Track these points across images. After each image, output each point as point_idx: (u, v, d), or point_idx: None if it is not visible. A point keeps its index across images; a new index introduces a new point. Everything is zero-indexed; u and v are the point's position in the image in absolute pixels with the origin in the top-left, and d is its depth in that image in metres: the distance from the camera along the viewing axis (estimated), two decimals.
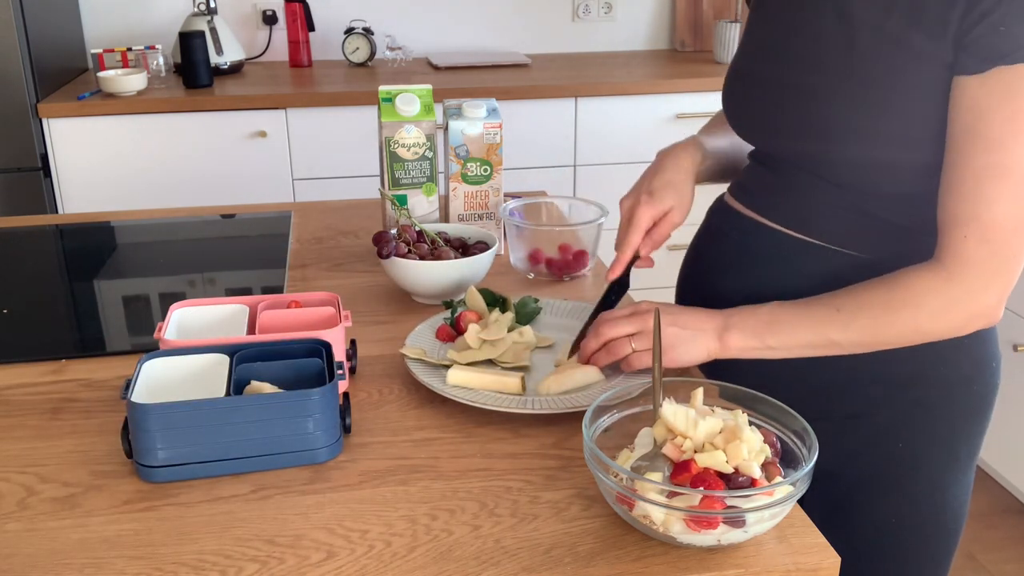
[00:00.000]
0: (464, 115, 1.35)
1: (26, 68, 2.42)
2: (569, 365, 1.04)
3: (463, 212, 1.38)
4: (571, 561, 0.77)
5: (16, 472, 0.90)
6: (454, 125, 1.35)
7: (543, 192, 1.76)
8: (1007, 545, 2.22)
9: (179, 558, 0.77)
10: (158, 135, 2.53)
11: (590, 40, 3.23)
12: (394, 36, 3.10)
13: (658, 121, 2.74)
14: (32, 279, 1.40)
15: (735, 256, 1.11)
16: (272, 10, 3.03)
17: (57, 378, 1.08)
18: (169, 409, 0.85)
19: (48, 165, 2.51)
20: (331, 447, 0.90)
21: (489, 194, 1.38)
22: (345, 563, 0.77)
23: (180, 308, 1.06)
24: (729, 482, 0.76)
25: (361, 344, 1.15)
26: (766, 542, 0.78)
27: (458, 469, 0.90)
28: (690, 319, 1.00)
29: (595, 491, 0.86)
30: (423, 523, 0.81)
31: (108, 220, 1.65)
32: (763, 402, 0.87)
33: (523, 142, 2.69)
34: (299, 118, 2.57)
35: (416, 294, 1.26)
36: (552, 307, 1.21)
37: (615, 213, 1.22)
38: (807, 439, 0.81)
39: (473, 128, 1.34)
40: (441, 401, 1.01)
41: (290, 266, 1.42)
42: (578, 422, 0.97)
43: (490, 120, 1.35)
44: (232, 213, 1.69)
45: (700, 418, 0.80)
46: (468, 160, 1.35)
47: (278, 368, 0.94)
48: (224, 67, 2.81)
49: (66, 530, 0.81)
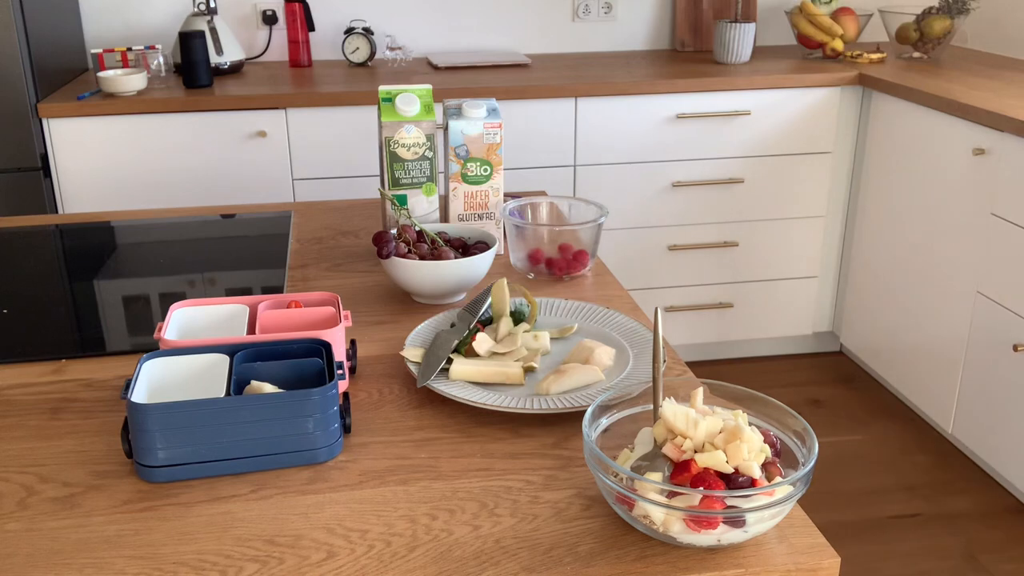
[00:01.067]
0: (464, 115, 1.35)
1: (26, 68, 2.42)
2: (569, 365, 1.04)
3: (463, 212, 1.38)
4: (571, 561, 0.77)
5: (16, 472, 0.90)
6: (454, 125, 1.34)
7: (543, 192, 1.76)
8: (1007, 545, 2.22)
9: (179, 558, 0.77)
10: (158, 135, 2.53)
11: (590, 40, 3.23)
12: (394, 36, 3.10)
13: (658, 121, 2.74)
14: (32, 279, 1.40)
15: None
16: (272, 10, 3.03)
17: (57, 378, 1.08)
18: (169, 409, 0.85)
19: (48, 165, 2.51)
20: (331, 447, 0.90)
21: (489, 194, 1.37)
22: (345, 563, 0.77)
23: (180, 308, 1.06)
24: (729, 482, 0.76)
25: (361, 344, 1.15)
26: (766, 542, 0.78)
27: (458, 469, 0.90)
28: None
29: (595, 491, 0.86)
30: (423, 523, 0.81)
31: (108, 220, 1.65)
32: (763, 402, 0.87)
33: (523, 142, 2.69)
34: (299, 118, 2.57)
35: (416, 294, 1.26)
36: (552, 307, 1.21)
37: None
38: (807, 439, 0.81)
39: (473, 128, 1.34)
40: (441, 401, 1.01)
41: (290, 266, 1.42)
42: (578, 422, 0.97)
43: (490, 120, 1.34)
44: (232, 213, 1.69)
45: (700, 418, 0.80)
46: (468, 160, 1.35)
47: (278, 368, 0.94)
48: (224, 67, 2.81)
49: (66, 530, 0.81)
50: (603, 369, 1.05)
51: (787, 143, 2.82)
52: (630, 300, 1.28)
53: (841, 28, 2.99)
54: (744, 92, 2.74)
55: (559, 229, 1.35)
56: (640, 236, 2.83)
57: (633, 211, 2.78)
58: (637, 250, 2.84)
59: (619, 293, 1.30)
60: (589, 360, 1.05)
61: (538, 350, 1.08)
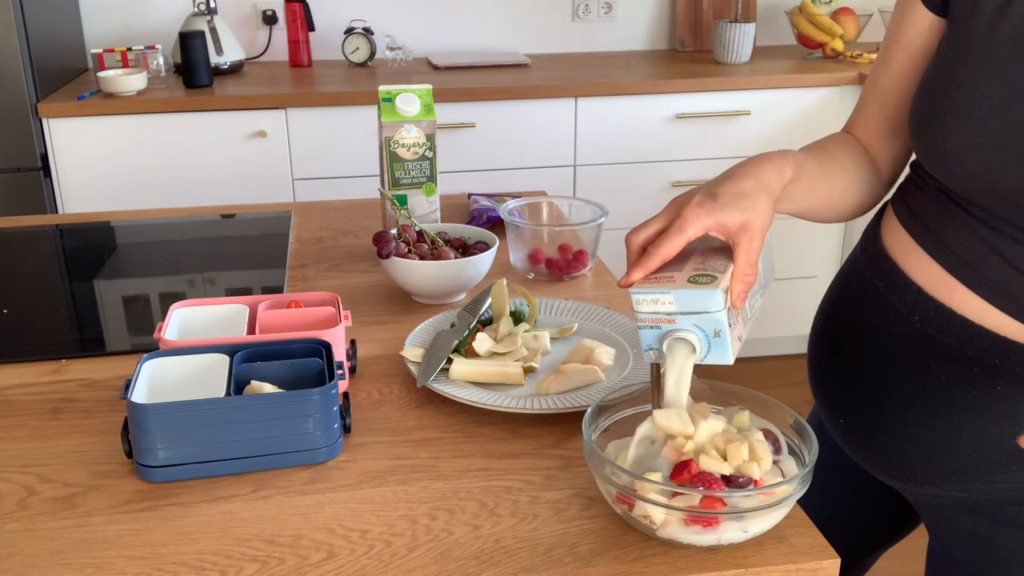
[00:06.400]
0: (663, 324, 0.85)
1: (26, 68, 2.42)
2: (569, 365, 1.04)
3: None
4: (571, 561, 0.77)
5: (16, 472, 0.90)
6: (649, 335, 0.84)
7: (543, 192, 1.76)
8: None
9: (179, 558, 0.77)
10: (158, 135, 2.53)
11: (590, 40, 3.23)
12: (394, 36, 3.10)
13: (658, 121, 2.74)
14: (32, 279, 1.40)
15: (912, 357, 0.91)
16: (272, 10, 3.03)
17: (57, 378, 1.08)
18: (169, 409, 0.85)
19: (48, 165, 2.51)
20: (331, 447, 0.90)
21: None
22: (345, 563, 0.77)
23: (180, 308, 1.06)
24: (729, 482, 0.76)
25: (361, 344, 1.15)
26: (766, 542, 0.78)
27: (458, 469, 0.90)
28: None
29: (595, 491, 0.86)
30: (423, 523, 0.81)
31: (108, 220, 1.65)
32: (763, 402, 0.87)
33: (523, 142, 2.69)
34: (299, 118, 2.57)
35: (416, 294, 1.26)
36: (552, 307, 1.21)
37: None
38: (807, 439, 0.81)
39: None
40: (441, 401, 1.01)
41: (290, 266, 1.42)
42: (578, 422, 0.97)
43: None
44: (232, 213, 1.69)
45: (701, 419, 0.80)
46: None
47: (278, 368, 0.94)
48: (224, 67, 2.80)
49: (66, 530, 0.81)
50: (603, 369, 1.05)
51: (787, 143, 2.82)
52: (630, 300, 1.28)
53: (841, 28, 2.99)
54: (744, 92, 2.74)
55: (559, 229, 1.34)
56: None
57: (633, 211, 2.78)
58: None
59: (619, 293, 1.30)
60: (589, 360, 1.05)
61: (538, 350, 1.08)
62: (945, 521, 0.97)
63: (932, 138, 0.88)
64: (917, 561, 1.08)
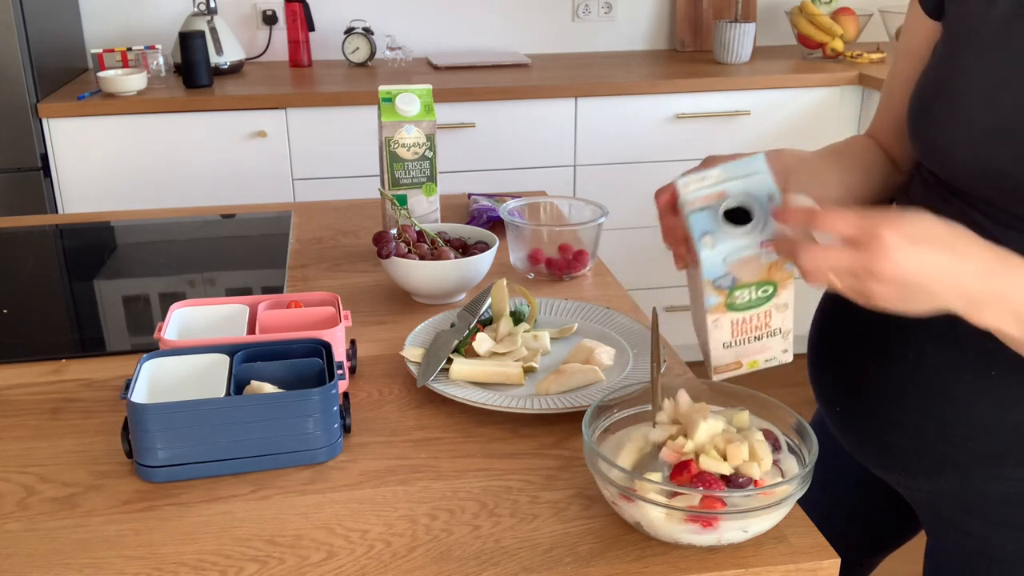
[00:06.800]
0: (721, 236, 0.82)
1: (26, 68, 2.42)
2: (569, 365, 1.04)
3: (728, 340, 0.87)
4: (571, 561, 0.77)
5: (16, 472, 0.90)
6: (709, 256, 0.81)
7: (543, 192, 1.76)
8: None
9: (179, 558, 0.77)
10: (158, 135, 2.53)
11: (590, 40, 3.23)
12: (394, 36, 3.10)
13: (658, 121, 2.74)
14: (32, 279, 1.40)
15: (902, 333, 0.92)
16: (272, 10, 3.03)
17: (57, 378, 1.08)
18: (169, 409, 0.85)
19: (48, 165, 2.51)
20: (331, 447, 0.90)
21: (771, 313, 0.88)
22: (345, 563, 0.77)
23: (180, 308, 1.06)
24: (729, 482, 0.76)
25: (361, 344, 1.15)
26: (766, 542, 0.78)
27: (458, 469, 0.90)
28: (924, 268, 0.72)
29: (595, 491, 0.86)
30: (423, 523, 0.81)
31: (108, 220, 1.65)
32: (763, 402, 0.87)
33: (523, 142, 2.69)
34: (299, 118, 2.57)
35: (416, 294, 1.26)
36: (552, 307, 1.21)
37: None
38: (807, 438, 0.81)
39: (742, 250, 0.82)
40: (441, 401, 1.01)
41: (290, 266, 1.42)
42: (578, 422, 0.97)
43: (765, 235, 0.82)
44: (232, 213, 1.69)
45: (701, 419, 0.80)
46: (735, 288, 0.84)
47: (278, 368, 0.94)
48: (224, 67, 2.80)
49: (66, 530, 0.81)
50: (603, 369, 1.05)
51: (787, 143, 2.82)
52: (630, 300, 1.28)
53: (841, 28, 2.99)
54: (744, 92, 2.74)
55: (559, 229, 1.35)
56: (640, 236, 2.83)
57: (633, 211, 2.78)
58: (637, 250, 2.84)
59: (619, 293, 1.30)
60: (589, 360, 1.05)
61: (538, 350, 1.08)
62: (943, 522, 0.98)
63: (926, 134, 0.90)
64: (917, 561, 1.09)
